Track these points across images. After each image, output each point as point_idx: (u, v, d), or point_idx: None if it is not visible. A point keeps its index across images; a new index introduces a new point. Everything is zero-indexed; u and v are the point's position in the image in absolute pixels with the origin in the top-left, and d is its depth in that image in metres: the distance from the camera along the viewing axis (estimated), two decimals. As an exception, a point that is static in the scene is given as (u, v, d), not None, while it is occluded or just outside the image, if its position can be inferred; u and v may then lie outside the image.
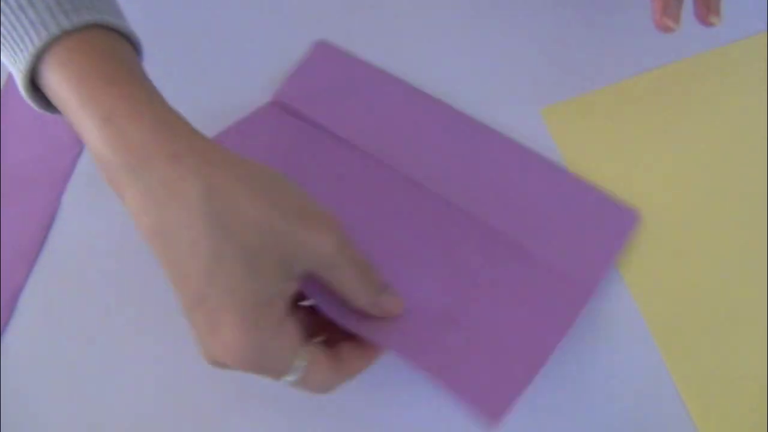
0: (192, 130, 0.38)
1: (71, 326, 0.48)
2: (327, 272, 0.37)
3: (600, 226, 0.47)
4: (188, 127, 0.38)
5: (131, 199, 0.35)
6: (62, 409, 0.46)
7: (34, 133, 0.53)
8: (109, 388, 0.46)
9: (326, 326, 0.41)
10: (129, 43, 0.40)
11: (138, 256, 0.49)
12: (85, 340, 0.47)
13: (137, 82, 0.38)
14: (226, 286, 0.34)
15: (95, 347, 0.47)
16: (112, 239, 0.50)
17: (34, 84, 0.39)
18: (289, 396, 0.46)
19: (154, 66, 0.48)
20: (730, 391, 0.44)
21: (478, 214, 0.47)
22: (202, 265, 0.34)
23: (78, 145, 0.52)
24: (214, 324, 0.35)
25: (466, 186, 0.48)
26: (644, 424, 0.44)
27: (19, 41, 0.37)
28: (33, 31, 0.37)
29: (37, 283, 0.49)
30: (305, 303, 0.41)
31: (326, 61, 0.54)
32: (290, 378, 0.37)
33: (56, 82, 0.37)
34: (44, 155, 0.52)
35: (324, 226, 0.37)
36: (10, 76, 0.54)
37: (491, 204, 0.48)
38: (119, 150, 0.35)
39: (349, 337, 0.41)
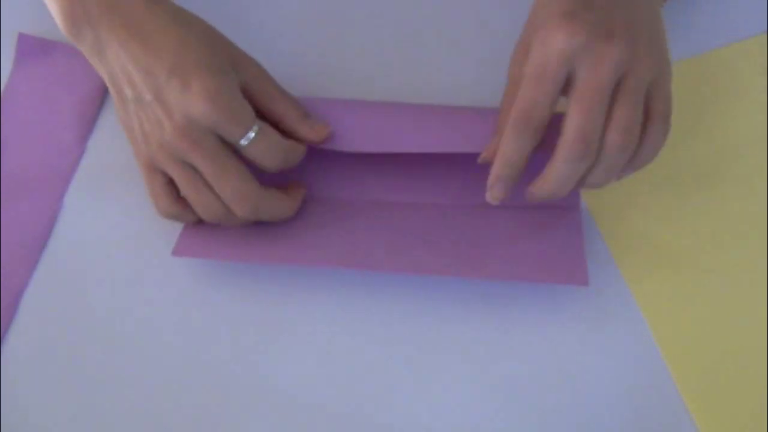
0: None
1: (73, 327, 0.48)
2: (258, 87, 0.46)
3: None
4: None
5: (106, 19, 0.44)
6: (62, 409, 0.46)
7: (35, 134, 0.53)
8: (109, 389, 0.46)
9: None
10: None
11: (139, 257, 0.50)
12: (87, 341, 0.48)
13: None
14: (194, 58, 0.43)
15: (96, 348, 0.47)
16: (113, 240, 0.50)
17: None
18: (289, 396, 0.46)
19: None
20: (730, 390, 0.44)
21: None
22: (172, 44, 0.43)
23: (80, 146, 0.52)
24: (187, 83, 0.42)
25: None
26: (644, 424, 0.44)
27: None
28: None
29: (39, 283, 0.49)
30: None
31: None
32: (251, 134, 0.44)
33: None
34: (46, 156, 0.52)
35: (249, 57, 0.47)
36: (11, 77, 0.54)
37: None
38: None
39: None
